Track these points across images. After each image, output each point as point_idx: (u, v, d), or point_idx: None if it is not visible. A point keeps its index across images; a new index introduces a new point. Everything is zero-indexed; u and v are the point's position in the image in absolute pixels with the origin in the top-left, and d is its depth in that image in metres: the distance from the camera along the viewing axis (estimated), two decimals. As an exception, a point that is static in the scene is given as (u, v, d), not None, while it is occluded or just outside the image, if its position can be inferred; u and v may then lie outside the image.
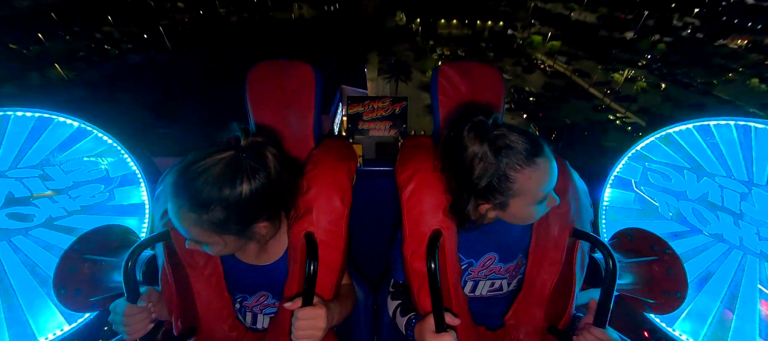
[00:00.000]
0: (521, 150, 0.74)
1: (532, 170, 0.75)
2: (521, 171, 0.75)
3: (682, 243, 1.14)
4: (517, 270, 1.03)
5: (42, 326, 1.07)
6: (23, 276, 1.06)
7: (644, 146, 1.23)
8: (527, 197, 0.78)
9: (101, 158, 1.17)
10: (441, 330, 0.81)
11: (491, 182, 0.77)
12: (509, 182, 0.76)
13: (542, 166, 0.75)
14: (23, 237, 1.07)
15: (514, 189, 0.77)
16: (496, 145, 0.75)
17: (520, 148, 0.74)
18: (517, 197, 0.79)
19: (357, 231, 1.12)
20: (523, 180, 0.75)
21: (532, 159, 0.75)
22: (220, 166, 0.72)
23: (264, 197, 0.77)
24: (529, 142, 0.75)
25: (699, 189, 1.12)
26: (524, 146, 0.74)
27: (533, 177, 0.75)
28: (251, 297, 1.02)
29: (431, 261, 0.81)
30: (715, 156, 1.09)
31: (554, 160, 0.79)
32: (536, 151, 0.75)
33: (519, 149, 0.74)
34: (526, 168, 0.75)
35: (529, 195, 0.78)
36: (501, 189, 0.77)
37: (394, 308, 1.04)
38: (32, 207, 1.08)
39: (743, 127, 1.05)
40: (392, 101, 1.63)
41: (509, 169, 0.75)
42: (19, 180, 1.05)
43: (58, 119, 1.10)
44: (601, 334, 0.79)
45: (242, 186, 0.73)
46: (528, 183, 0.76)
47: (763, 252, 1.02)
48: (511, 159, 0.74)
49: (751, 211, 1.03)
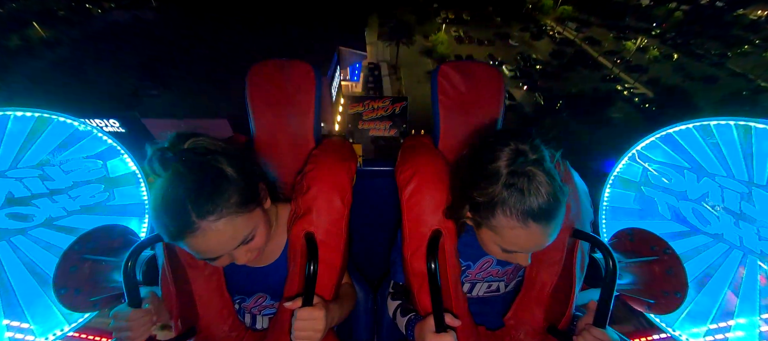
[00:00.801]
0: (526, 206, 0.69)
1: (518, 227, 0.71)
2: (508, 219, 0.71)
3: (682, 243, 1.14)
4: (516, 273, 1.03)
5: (42, 326, 1.07)
6: (23, 276, 1.06)
7: (644, 146, 1.23)
8: (498, 239, 0.76)
9: (101, 158, 1.17)
10: (441, 330, 0.81)
11: (483, 200, 0.74)
12: (492, 216, 0.73)
13: (531, 229, 0.71)
14: (23, 237, 1.07)
15: (492, 224, 0.74)
16: (511, 180, 0.70)
17: (527, 203, 0.69)
18: (490, 231, 0.76)
19: (357, 231, 1.13)
20: (504, 225, 0.73)
21: (526, 219, 0.70)
22: (196, 169, 0.69)
23: (237, 163, 0.76)
24: (539, 201, 0.69)
25: (699, 190, 1.12)
26: (532, 203, 0.69)
27: (515, 232, 0.72)
28: (249, 299, 1.02)
29: (431, 261, 0.81)
30: (715, 156, 1.09)
31: (551, 232, 0.73)
32: (538, 215, 0.69)
33: (525, 202, 0.69)
34: (514, 222, 0.71)
35: (502, 240, 0.76)
36: (484, 213, 0.75)
37: (394, 308, 1.04)
38: (32, 208, 1.08)
39: (743, 127, 1.05)
40: (392, 101, 1.63)
41: (501, 207, 0.71)
42: (18, 180, 1.05)
43: (58, 119, 1.10)
44: (601, 334, 0.79)
45: (222, 165, 0.72)
46: (506, 232, 0.73)
47: (763, 252, 1.02)
48: (510, 203, 0.70)
49: (751, 211, 1.03)
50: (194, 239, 0.68)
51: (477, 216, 0.78)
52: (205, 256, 0.73)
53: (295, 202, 0.93)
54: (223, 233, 0.70)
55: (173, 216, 0.66)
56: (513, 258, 0.81)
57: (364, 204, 1.25)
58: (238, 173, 0.75)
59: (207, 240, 0.69)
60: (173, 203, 0.66)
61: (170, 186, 0.67)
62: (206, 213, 0.67)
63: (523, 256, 0.80)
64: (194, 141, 0.74)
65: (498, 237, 0.76)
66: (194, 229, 0.66)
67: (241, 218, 0.73)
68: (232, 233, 0.72)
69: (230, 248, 0.74)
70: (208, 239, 0.69)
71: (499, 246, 0.78)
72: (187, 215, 0.65)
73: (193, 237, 0.67)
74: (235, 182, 0.73)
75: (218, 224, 0.68)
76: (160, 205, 0.67)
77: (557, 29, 39.40)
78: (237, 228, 0.72)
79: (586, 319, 0.84)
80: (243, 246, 0.77)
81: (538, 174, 0.69)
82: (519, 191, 0.69)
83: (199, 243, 0.69)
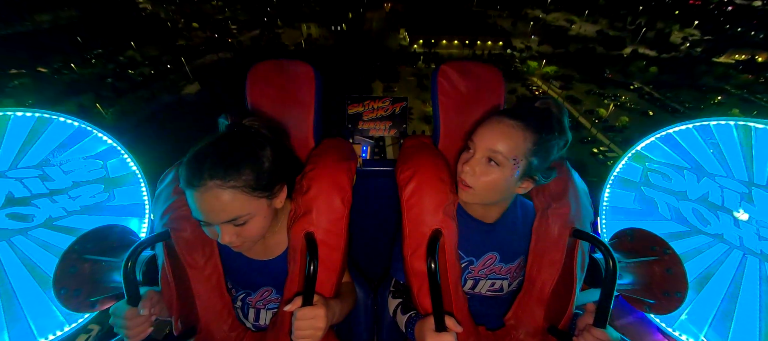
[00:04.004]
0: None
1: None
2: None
3: (682, 243, 1.14)
4: (519, 272, 1.03)
5: (42, 326, 1.07)
6: (23, 276, 1.06)
7: (644, 146, 1.23)
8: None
9: (101, 158, 1.17)
10: (441, 330, 0.81)
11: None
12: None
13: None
14: (23, 237, 1.07)
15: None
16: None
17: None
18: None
19: (357, 231, 1.12)
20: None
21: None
22: (230, 139, 0.78)
23: (278, 159, 0.83)
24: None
25: (699, 190, 1.12)
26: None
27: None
28: (255, 293, 1.02)
29: (431, 261, 0.81)
30: (715, 156, 1.09)
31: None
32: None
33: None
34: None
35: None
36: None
37: (394, 307, 1.04)
38: (32, 208, 1.08)
39: (743, 127, 1.05)
40: (392, 101, 1.63)
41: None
42: (18, 180, 1.05)
43: (58, 119, 1.10)
44: (601, 334, 0.79)
45: (265, 150, 0.81)
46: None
47: (763, 252, 1.02)
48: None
49: (751, 211, 1.03)
50: (196, 193, 0.73)
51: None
52: (198, 216, 0.77)
53: (294, 202, 0.93)
54: (220, 200, 0.74)
55: (192, 165, 0.74)
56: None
57: (364, 204, 1.25)
58: (271, 164, 0.81)
59: (205, 200, 0.73)
60: (199, 154, 0.74)
61: (209, 142, 0.77)
62: (216, 176, 0.72)
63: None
64: (251, 121, 0.85)
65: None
66: (201, 185, 0.72)
67: (243, 197, 0.76)
68: (229, 206, 0.75)
69: (220, 219, 0.76)
70: (206, 199, 0.73)
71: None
72: (202, 170, 0.72)
73: (197, 191, 0.73)
74: (260, 168, 0.78)
75: (220, 190, 0.73)
76: (193, 152, 0.76)
77: (543, 88, 42.76)
78: (235, 203, 0.75)
79: (586, 319, 0.84)
80: (232, 226, 0.78)
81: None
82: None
83: (198, 199, 0.74)
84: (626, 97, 41.29)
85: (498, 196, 0.91)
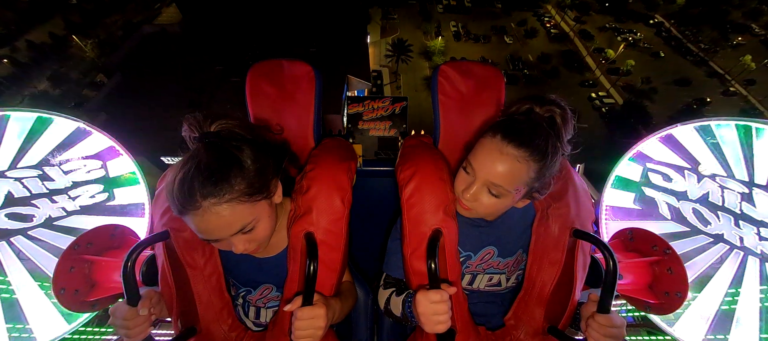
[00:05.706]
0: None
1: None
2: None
3: (682, 243, 1.14)
4: (517, 266, 1.03)
5: (42, 326, 1.07)
6: (23, 276, 1.06)
7: (644, 146, 1.23)
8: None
9: (101, 158, 1.16)
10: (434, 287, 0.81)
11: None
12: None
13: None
14: (23, 237, 1.07)
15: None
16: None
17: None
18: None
19: (357, 231, 1.12)
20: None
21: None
22: (209, 152, 0.72)
23: (260, 154, 0.79)
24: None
25: (699, 190, 1.12)
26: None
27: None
28: (255, 291, 1.02)
29: (431, 260, 0.81)
30: (715, 156, 1.09)
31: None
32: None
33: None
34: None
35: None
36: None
37: (387, 295, 1.02)
38: (32, 208, 1.08)
39: (743, 127, 1.05)
40: (392, 101, 1.63)
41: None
42: (18, 180, 1.05)
43: (58, 119, 1.10)
44: (606, 320, 0.78)
45: (242, 153, 0.75)
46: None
47: (764, 252, 1.02)
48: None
49: (751, 211, 1.03)
50: (195, 217, 0.71)
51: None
52: (205, 236, 0.75)
53: (294, 202, 0.93)
54: (222, 217, 0.71)
55: (182, 191, 0.69)
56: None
57: (364, 204, 1.25)
58: (255, 163, 0.76)
59: (206, 221, 0.71)
60: (184, 180, 0.70)
61: (187, 163, 0.71)
62: (208, 195, 0.69)
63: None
64: (221, 124, 0.77)
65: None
66: (196, 208, 0.69)
67: (243, 206, 0.74)
68: (231, 219, 0.73)
69: (228, 233, 0.75)
70: (207, 220, 0.71)
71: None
72: (193, 193, 0.68)
73: (195, 215, 0.70)
74: (248, 171, 0.75)
75: (219, 208, 0.71)
76: (176, 179, 0.71)
77: (556, 18, 39.61)
78: (237, 215, 0.74)
79: (590, 307, 0.83)
80: (242, 235, 0.77)
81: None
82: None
83: (198, 222, 0.71)
84: (642, 33, 37.77)
85: (498, 214, 0.95)
